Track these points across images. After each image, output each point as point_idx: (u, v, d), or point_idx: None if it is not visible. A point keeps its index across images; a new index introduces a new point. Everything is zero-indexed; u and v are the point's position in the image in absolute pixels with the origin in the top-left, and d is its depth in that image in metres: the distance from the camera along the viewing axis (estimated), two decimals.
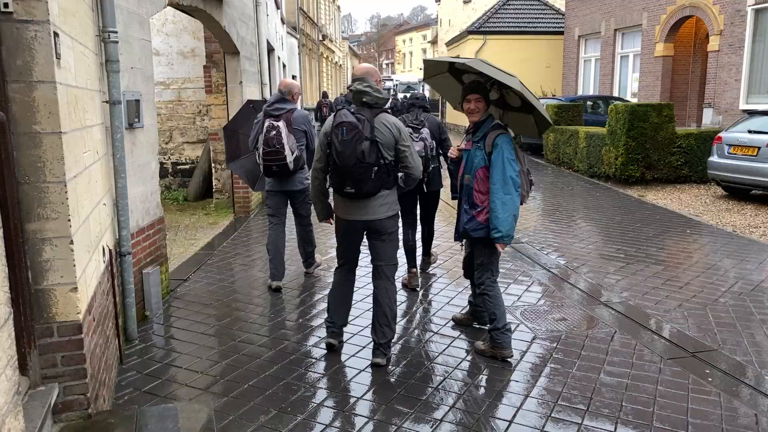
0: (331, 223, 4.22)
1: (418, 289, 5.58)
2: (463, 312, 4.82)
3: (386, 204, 3.90)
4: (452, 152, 4.37)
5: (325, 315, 4.34)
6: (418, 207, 5.81)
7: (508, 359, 4.03)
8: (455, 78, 4.47)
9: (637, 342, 4.33)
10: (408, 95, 7.41)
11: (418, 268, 5.88)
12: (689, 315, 4.83)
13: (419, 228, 5.92)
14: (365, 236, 4.07)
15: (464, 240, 4.33)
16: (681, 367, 3.92)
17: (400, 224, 4.51)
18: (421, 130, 5.37)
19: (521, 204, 4.08)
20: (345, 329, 4.41)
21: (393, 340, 4.12)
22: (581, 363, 4.00)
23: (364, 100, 3.77)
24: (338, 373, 3.89)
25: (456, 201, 4.40)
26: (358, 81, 3.83)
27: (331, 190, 4.04)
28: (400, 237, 4.53)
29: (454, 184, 4.40)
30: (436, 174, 5.54)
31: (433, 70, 4.54)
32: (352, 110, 3.78)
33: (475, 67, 3.97)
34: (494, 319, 4.07)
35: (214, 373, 3.89)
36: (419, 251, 6.07)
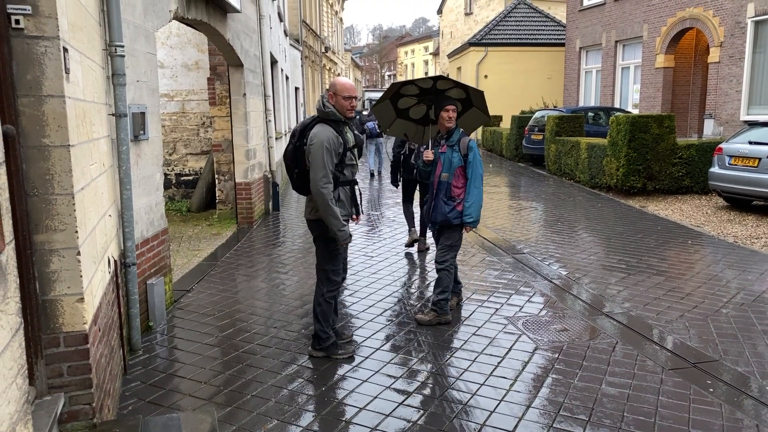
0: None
1: (414, 246, 7.42)
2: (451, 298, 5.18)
3: (309, 206, 4.20)
4: (427, 156, 5.01)
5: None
6: (418, 193, 7.38)
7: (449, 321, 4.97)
8: (404, 119, 5.40)
9: (639, 352, 4.35)
10: None
11: (417, 233, 7.55)
12: (691, 325, 4.84)
13: (416, 213, 7.63)
14: None
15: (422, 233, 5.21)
16: (683, 378, 3.94)
17: (401, 200, 7.28)
18: None
19: None
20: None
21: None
22: (583, 374, 4.02)
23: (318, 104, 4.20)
24: (341, 383, 3.91)
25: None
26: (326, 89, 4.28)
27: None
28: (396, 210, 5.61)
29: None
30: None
31: (384, 119, 5.38)
32: (312, 116, 4.24)
33: (408, 82, 5.03)
34: (445, 292, 4.95)
35: (217, 383, 3.91)
36: (418, 232, 7.63)
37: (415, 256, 7.25)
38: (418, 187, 7.41)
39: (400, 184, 7.71)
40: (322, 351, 4.30)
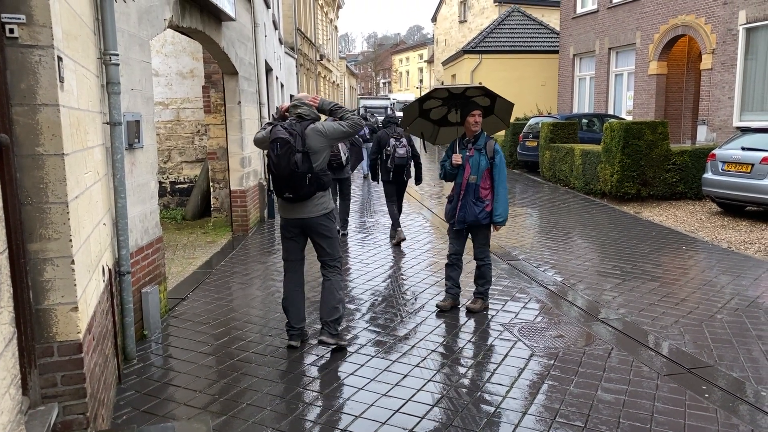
0: None
1: (402, 242, 8.21)
2: (444, 300, 5.52)
3: (320, 204, 4.49)
4: (456, 160, 5.25)
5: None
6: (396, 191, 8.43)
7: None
8: (424, 119, 5.70)
9: (635, 358, 4.35)
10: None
11: (400, 230, 8.42)
12: (686, 331, 4.86)
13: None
14: (306, 237, 4.67)
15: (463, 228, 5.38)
16: (678, 384, 3.94)
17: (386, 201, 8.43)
18: (402, 139, 8.06)
19: None
20: (342, 349, 4.55)
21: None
22: (579, 380, 4.02)
23: (298, 112, 4.46)
24: (336, 392, 3.90)
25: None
26: (296, 100, 4.54)
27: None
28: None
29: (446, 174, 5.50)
30: (409, 169, 8.25)
31: (408, 117, 5.68)
32: (285, 126, 4.38)
33: (442, 88, 5.36)
34: (488, 282, 5.48)
35: (212, 392, 3.89)
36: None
37: (413, 262, 7.24)
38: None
39: (381, 183, 8.61)
40: (335, 338, 4.54)
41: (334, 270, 4.65)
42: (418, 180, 8.45)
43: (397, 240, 8.21)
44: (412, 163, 8.30)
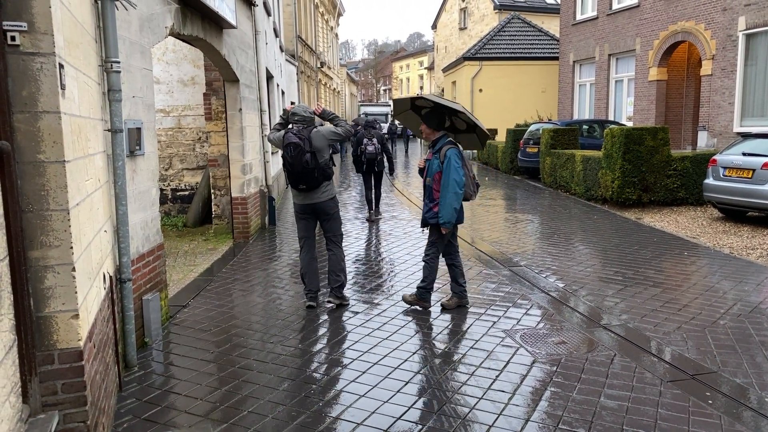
0: None
1: (373, 221, 10.62)
2: (449, 299, 5.75)
3: (326, 191, 5.61)
4: (420, 163, 5.73)
5: (325, 342, 4.49)
6: (373, 180, 10.78)
7: (427, 309, 5.65)
8: (416, 114, 6.01)
9: (637, 365, 4.33)
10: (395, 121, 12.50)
11: (373, 212, 10.87)
12: (689, 337, 4.84)
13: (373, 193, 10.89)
14: (316, 218, 5.72)
15: (425, 228, 5.70)
16: (681, 390, 3.92)
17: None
18: (373, 139, 10.29)
19: (469, 200, 5.55)
20: (344, 358, 4.56)
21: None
22: (581, 386, 4.00)
23: (296, 118, 5.50)
24: (338, 399, 3.88)
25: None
26: (293, 110, 5.56)
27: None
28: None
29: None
30: (381, 162, 10.51)
31: (400, 108, 6.06)
32: (294, 131, 5.40)
33: (430, 98, 5.63)
34: (425, 280, 5.62)
35: (213, 399, 3.88)
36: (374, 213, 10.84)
37: (414, 269, 7.21)
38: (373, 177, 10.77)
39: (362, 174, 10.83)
40: (339, 299, 5.63)
41: (336, 243, 5.75)
42: (390, 170, 11.19)
43: (368, 218, 10.71)
44: (386, 158, 10.61)
